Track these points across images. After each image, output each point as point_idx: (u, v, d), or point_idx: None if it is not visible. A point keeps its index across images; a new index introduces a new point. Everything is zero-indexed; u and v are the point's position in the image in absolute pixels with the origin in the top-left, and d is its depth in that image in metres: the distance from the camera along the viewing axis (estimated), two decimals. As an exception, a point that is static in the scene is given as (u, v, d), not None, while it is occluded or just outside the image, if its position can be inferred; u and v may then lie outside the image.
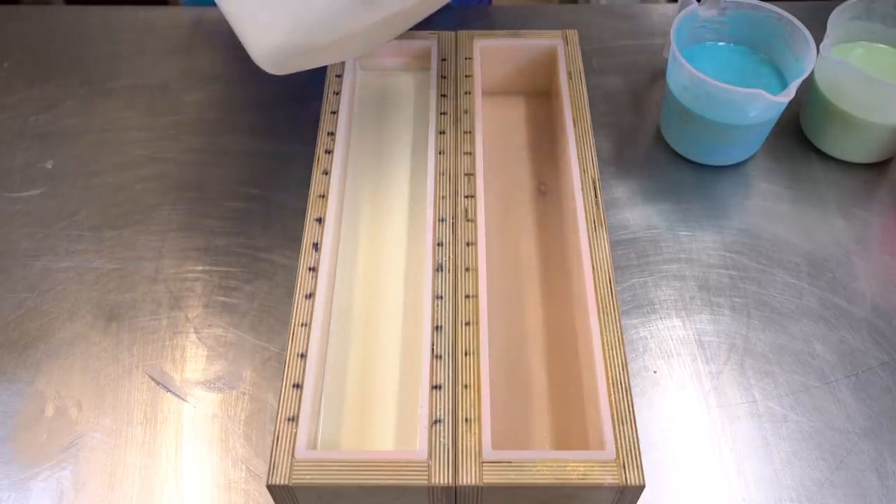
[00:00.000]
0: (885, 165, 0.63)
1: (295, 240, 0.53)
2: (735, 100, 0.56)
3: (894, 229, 0.60)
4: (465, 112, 0.55)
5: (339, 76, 0.57)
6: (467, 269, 0.47)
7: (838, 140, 0.62)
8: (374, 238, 0.52)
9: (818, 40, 0.58)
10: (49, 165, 0.64)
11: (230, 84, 0.69)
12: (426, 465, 0.40)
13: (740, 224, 0.60)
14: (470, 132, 0.54)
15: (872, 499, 0.47)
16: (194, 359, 0.53)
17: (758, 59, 0.63)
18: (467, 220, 0.49)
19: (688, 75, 0.57)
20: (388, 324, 0.49)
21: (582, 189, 0.51)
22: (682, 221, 0.60)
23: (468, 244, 0.48)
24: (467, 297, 0.46)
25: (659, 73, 0.70)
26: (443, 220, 0.49)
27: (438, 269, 0.47)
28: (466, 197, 0.50)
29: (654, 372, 0.52)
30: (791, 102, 0.56)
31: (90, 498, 0.47)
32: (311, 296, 0.46)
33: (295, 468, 0.39)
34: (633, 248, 0.58)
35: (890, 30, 0.63)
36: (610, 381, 0.42)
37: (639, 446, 0.40)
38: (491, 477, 0.39)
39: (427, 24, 0.56)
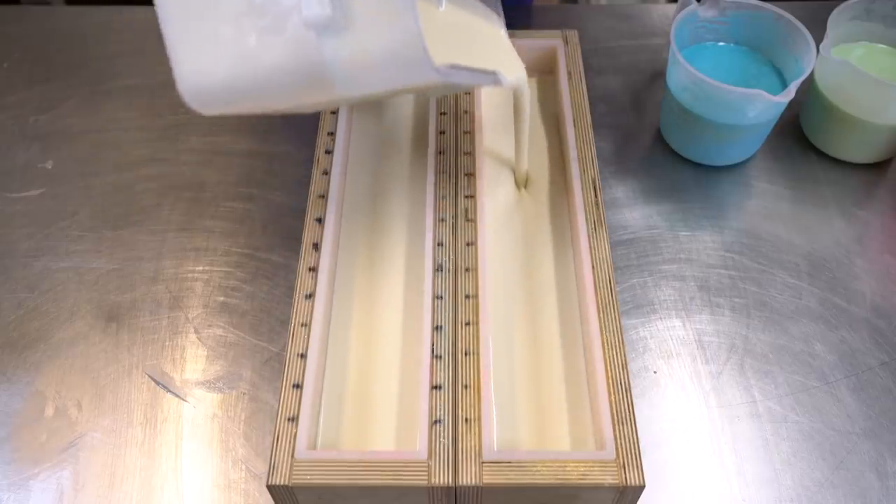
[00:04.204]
0: (885, 165, 0.63)
1: (295, 240, 0.53)
2: (735, 100, 0.56)
3: (894, 229, 0.60)
4: (465, 112, 0.55)
5: (339, 76, 0.57)
6: (467, 269, 0.47)
7: (838, 140, 0.62)
8: (374, 237, 0.52)
9: (818, 40, 0.58)
10: (49, 165, 0.64)
11: (230, 84, 0.69)
12: (426, 465, 0.40)
13: (740, 224, 0.60)
14: (470, 132, 0.54)
15: (872, 499, 0.47)
16: (194, 359, 0.53)
17: (758, 59, 0.63)
18: (467, 220, 0.49)
19: (688, 75, 0.57)
20: (388, 324, 0.48)
21: (582, 189, 0.51)
22: (682, 221, 0.60)
23: (468, 244, 0.48)
24: (467, 297, 0.46)
25: (659, 73, 0.70)
26: (443, 220, 0.49)
27: (438, 269, 0.47)
28: (466, 197, 0.50)
29: (654, 372, 0.52)
30: (791, 102, 0.56)
31: (90, 498, 0.47)
32: (311, 296, 0.46)
33: (295, 468, 0.39)
34: (633, 248, 0.58)
35: (890, 30, 0.63)
36: (610, 381, 0.42)
37: (639, 446, 0.40)
38: (491, 477, 0.39)
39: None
